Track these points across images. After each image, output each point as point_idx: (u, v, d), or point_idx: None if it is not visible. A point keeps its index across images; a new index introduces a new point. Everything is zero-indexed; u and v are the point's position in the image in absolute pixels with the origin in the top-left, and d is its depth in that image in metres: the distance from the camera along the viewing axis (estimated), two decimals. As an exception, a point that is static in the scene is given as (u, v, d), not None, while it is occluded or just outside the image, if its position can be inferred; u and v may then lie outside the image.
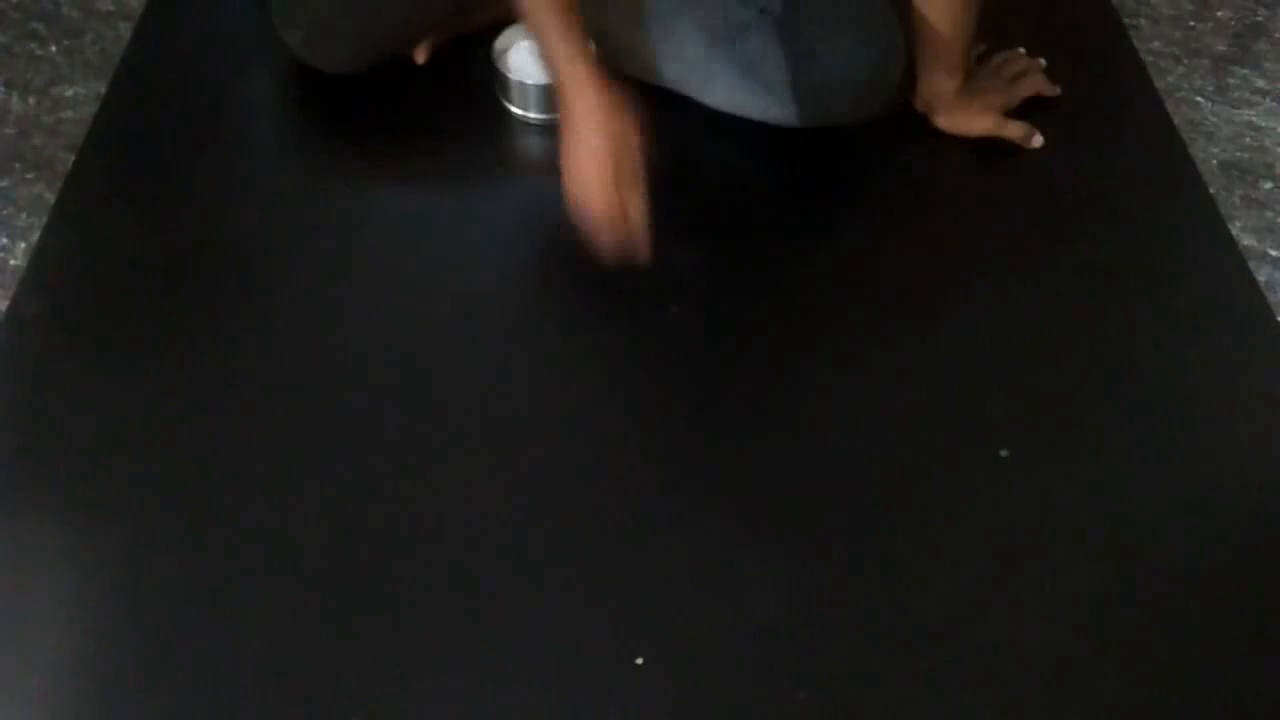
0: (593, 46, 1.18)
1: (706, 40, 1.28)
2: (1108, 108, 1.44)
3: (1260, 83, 1.54)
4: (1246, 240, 1.33)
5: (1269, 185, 1.42)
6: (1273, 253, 1.33)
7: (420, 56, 1.41)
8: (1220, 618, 1.01)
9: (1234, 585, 1.03)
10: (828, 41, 1.27)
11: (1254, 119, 1.49)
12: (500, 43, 1.39)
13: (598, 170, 1.13)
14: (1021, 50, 1.43)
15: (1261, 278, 1.28)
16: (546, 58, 1.17)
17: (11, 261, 1.27)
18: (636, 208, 1.14)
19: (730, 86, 1.30)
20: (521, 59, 1.38)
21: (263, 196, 1.32)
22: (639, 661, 0.96)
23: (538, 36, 1.17)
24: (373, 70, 1.36)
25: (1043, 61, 1.42)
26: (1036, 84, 1.40)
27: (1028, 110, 1.38)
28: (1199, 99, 1.51)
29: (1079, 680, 0.97)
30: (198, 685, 0.95)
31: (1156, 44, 1.59)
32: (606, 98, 1.13)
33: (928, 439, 1.12)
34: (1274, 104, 1.51)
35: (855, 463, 1.10)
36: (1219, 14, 1.65)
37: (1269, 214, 1.38)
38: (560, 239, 1.28)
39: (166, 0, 1.53)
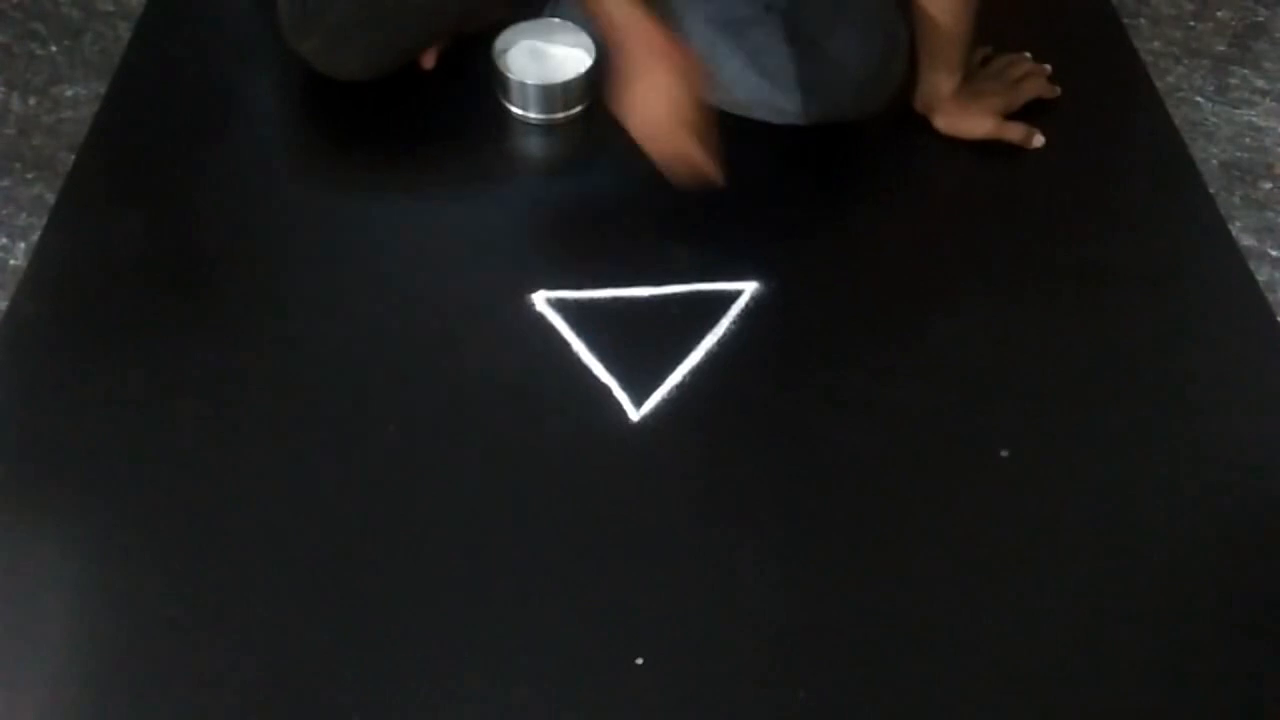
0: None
1: (711, 34, 1.28)
2: (1108, 108, 1.44)
3: (1260, 83, 1.54)
4: (1246, 240, 1.33)
5: (1269, 185, 1.41)
6: (1273, 253, 1.33)
7: (428, 62, 1.41)
8: (1221, 617, 1.01)
9: (1234, 585, 1.04)
10: (832, 35, 1.27)
11: (1254, 119, 1.49)
12: (500, 43, 1.39)
13: (667, 107, 1.14)
14: (1027, 55, 1.42)
15: (1261, 278, 1.28)
16: (599, 10, 1.16)
17: (11, 261, 1.27)
18: (708, 136, 1.17)
19: (734, 81, 1.30)
20: (521, 59, 1.38)
21: (262, 196, 1.32)
22: (639, 661, 0.96)
23: None
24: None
25: (1048, 67, 1.42)
26: (1038, 87, 1.40)
27: (1028, 111, 1.38)
28: (1199, 99, 1.51)
29: (1079, 680, 0.97)
30: (198, 685, 0.95)
31: (1156, 44, 1.59)
32: (667, 37, 1.14)
33: (928, 439, 1.12)
34: (1274, 104, 1.51)
35: (855, 463, 1.10)
36: (1219, 14, 1.64)
37: (1269, 214, 1.38)
38: (560, 238, 1.28)
39: (166, 0, 1.53)
